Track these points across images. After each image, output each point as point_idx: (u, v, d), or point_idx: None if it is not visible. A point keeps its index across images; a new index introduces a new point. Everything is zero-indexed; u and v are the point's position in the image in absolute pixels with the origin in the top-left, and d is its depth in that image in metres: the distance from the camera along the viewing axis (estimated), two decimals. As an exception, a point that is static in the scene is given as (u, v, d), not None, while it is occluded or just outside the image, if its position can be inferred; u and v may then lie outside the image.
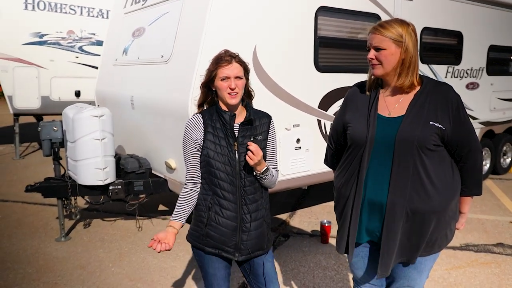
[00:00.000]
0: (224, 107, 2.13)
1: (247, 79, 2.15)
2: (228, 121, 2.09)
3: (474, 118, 6.46)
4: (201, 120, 2.14)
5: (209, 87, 2.15)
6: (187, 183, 2.22)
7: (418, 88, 1.95)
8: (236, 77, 2.06)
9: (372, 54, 1.92)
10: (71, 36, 8.88)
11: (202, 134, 2.12)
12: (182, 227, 2.16)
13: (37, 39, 8.55)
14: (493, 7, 6.52)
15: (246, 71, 2.14)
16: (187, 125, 2.16)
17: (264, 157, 2.16)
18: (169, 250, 2.07)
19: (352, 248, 2.04)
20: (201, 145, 2.12)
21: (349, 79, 4.56)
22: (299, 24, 4.29)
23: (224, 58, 2.07)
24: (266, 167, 2.11)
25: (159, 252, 2.06)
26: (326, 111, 4.59)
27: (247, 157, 2.04)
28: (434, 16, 5.66)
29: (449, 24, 5.90)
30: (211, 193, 2.14)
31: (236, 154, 2.10)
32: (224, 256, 2.18)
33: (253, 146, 2.02)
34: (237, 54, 2.12)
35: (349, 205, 2.02)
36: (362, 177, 1.96)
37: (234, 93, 2.06)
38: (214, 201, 2.13)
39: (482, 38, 6.51)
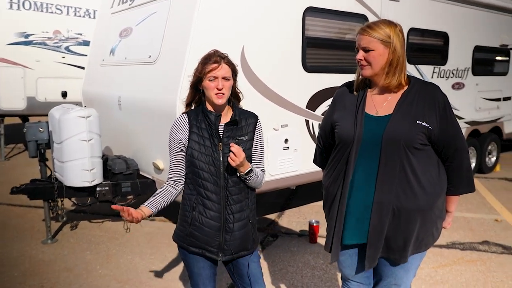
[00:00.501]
0: (210, 107, 2.14)
1: (234, 80, 2.16)
2: (213, 121, 2.10)
3: (460, 118, 6.54)
4: (187, 120, 2.15)
5: (196, 87, 2.16)
6: (168, 180, 2.23)
7: (405, 87, 1.97)
8: (224, 78, 2.07)
9: (360, 55, 1.93)
10: (58, 36, 8.79)
11: (187, 134, 2.13)
12: (150, 216, 2.14)
13: (23, 39, 8.45)
14: (478, 9, 6.61)
15: (234, 72, 2.15)
16: (172, 125, 2.18)
17: (250, 158, 2.17)
18: (132, 222, 2.03)
19: (336, 247, 2.05)
20: (186, 145, 2.13)
21: (337, 79, 4.59)
22: (287, 25, 4.30)
23: (213, 58, 2.08)
24: (249, 168, 2.10)
25: (124, 219, 2.01)
26: (314, 111, 4.61)
27: (229, 159, 2.04)
28: (421, 17, 5.72)
29: (435, 25, 5.97)
30: (195, 193, 2.15)
31: (221, 155, 2.11)
32: (207, 256, 2.19)
33: (235, 147, 2.02)
34: (226, 55, 2.12)
35: (336, 204, 2.04)
36: (348, 176, 1.97)
37: (221, 94, 2.06)
38: (198, 201, 2.14)
39: (468, 39, 6.59)
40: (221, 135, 2.12)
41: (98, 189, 4.34)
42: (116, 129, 4.97)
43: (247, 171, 2.09)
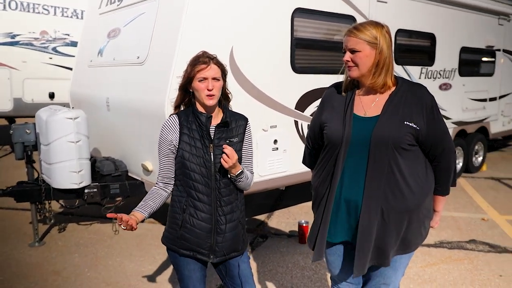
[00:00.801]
0: (200, 109, 2.13)
1: (224, 81, 2.15)
2: (204, 122, 2.09)
3: (447, 118, 6.62)
4: (177, 121, 2.13)
5: (186, 89, 2.15)
6: (158, 182, 2.21)
7: (393, 88, 1.98)
8: (214, 79, 2.06)
9: (347, 56, 1.94)
10: (45, 37, 8.69)
11: (178, 135, 2.11)
12: (143, 221, 2.11)
13: (9, 40, 8.33)
14: (464, 10, 6.69)
15: (224, 73, 2.14)
16: (163, 126, 2.16)
17: (240, 160, 2.16)
18: (128, 229, 1.98)
19: (320, 245, 2.06)
20: (176, 146, 2.12)
21: (326, 80, 4.61)
22: (276, 26, 4.31)
23: (202, 59, 2.07)
24: (240, 170, 2.11)
25: (122, 227, 1.95)
26: (303, 112, 4.62)
27: (221, 160, 2.04)
28: (408, 18, 5.77)
29: (423, 26, 6.03)
30: (186, 195, 2.13)
31: (212, 156, 2.10)
32: (198, 258, 2.18)
33: (228, 149, 2.02)
34: (215, 56, 2.12)
35: (323, 204, 2.05)
36: (336, 176, 1.98)
37: (212, 95, 2.06)
38: (189, 203, 2.12)
39: (454, 40, 6.67)
40: (212, 137, 2.11)
41: (86, 191, 4.30)
42: (104, 131, 4.94)
43: (238, 172, 2.10)
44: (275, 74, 4.35)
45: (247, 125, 2.24)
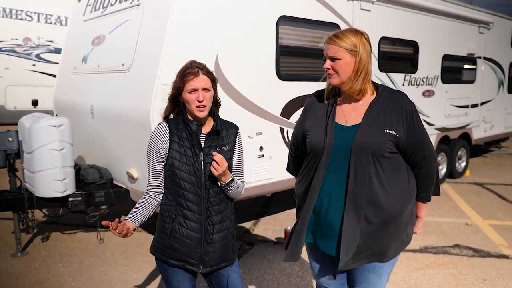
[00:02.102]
0: (191, 117, 2.10)
1: (215, 90, 2.12)
2: (195, 131, 2.06)
3: (430, 125, 6.71)
4: (167, 129, 2.10)
5: (175, 100, 2.11)
6: (148, 191, 2.18)
7: (373, 96, 2.00)
8: (204, 89, 2.03)
9: (328, 64, 1.95)
10: (28, 44, 8.60)
11: (168, 143, 2.08)
12: (134, 230, 2.07)
13: (-9, 46, 8.24)
14: (446, 18, 6.82)
15: (214, 82, 2.11)
16: (152, 134, 2.12)
17: (230, 168, 2.14)
18: (126, 236, 1.98)
19: (294, 245, 2.08)
20: (166, 154, 2.09)
21: (310, 87, 4.64)
22: (261, 33, 4.34)
23: (190, 70, 2.03)
24: (231, 178, 2.09)
25: (117, 233, 1.93)
26: (288, 119, 4.64)
27: (211, 168, 2.02)
28: (392, 26, 5.86)
29: (406, 34, 6.13)
30: (175, 204, 2.10)
31: (202, 164, 2.07)
32: (188, 268, 2.15)
33: (218, 156, 2.01)
34: (204, 66, 2.09)
35: (305, 209, 2.06)
36: (317, 184, 1.99)
37: (203, 106, 2.02)
38: (178, 212, 2.09)
39: (437, 47, 6.79)
40: (203, 145, 2.09)
41: (70, 199, 4.25)
42: (89, 138, 4.89)
43: (228, 181, 2.08)
44: (260, 81, 4.37)
45: (238, 134, 2.22)
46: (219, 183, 2.10)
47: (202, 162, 2.07)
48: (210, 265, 2.14)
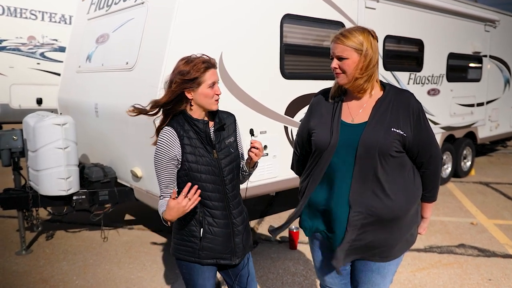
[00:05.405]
0: (195, 115, 2.05)
1: None
2: (203, 129, 2.03)
3: (435, 123, 6.67)
4: (175, 134, 2.01)
5: (181, 96, 2.01)
6: (163, 197, 2.08)
7: (380, 94, 1.98)
8: (218, 82, 2.07)
9: (335, 63, 1.93)
10: (32, 42, 8.62)
11: (180, 149, 2.00)
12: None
13: (-4, 45, 8.27)
14: (452, 17, 6.78)
15: None
16: (161, 142, 2.00)
17: (238, 156, 2.20)
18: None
19: (282, 223, 2.14)
20: (180, 160, 2.02)
21: (315, 86, 4.62)
22: (265, 31, 4.32)
23: (207, 64, 1.99)
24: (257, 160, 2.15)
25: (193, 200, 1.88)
26: (293, 117, 4.63)
27: (252, 155, 2.06)
28: (397, 24, 5.83)
29: (411, 32, 6.09)
30: (199, 205, 2.05)
31: (217, 161, 2.07)
32: (222, 263, 2.17)
33: (257, 142, 2.05)
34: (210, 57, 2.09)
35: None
36: (315, 181, 2.02)
37: (218, 98, 2.06)
38: (205, 213, 2.08)
39: (442, 46, 6.74)
40: (213, 142, 2.07)
41: (74, 197, 4.26)
42: (93, 137, 4.89)
43: (255, 163, 2.19)
44: (265, 80, 4.35)
45: (236, 122, 2.25)
46: (242, 170, 2.19)
47: (217, 159, 2.07)
48: (241, 255, 2.20)
